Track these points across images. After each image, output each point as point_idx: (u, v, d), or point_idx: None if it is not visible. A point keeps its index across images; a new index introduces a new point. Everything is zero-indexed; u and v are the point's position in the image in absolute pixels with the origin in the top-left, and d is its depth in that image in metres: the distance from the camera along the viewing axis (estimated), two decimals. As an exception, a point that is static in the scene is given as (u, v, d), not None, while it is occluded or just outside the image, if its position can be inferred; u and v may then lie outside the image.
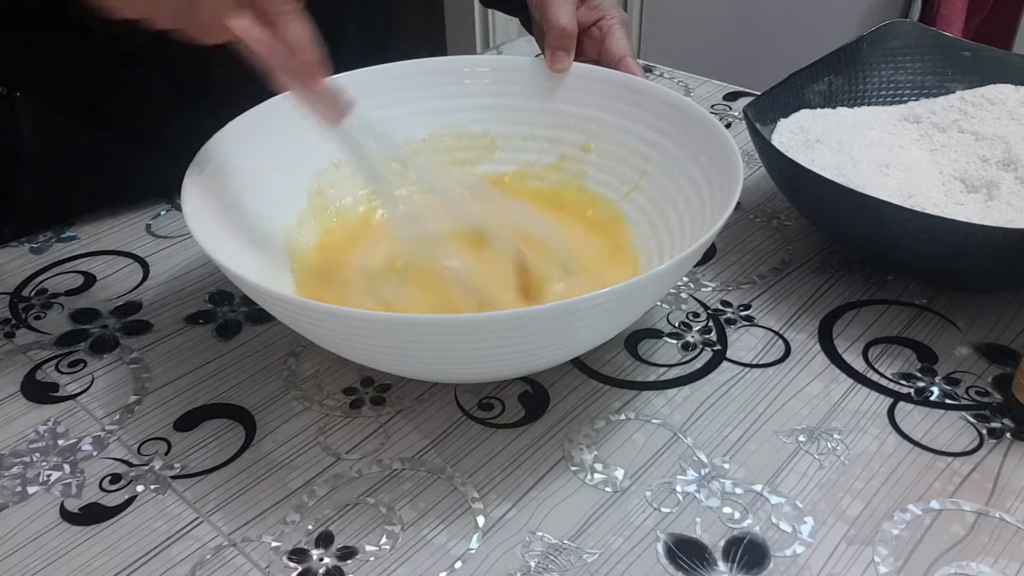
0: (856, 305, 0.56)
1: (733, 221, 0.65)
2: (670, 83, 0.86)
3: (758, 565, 0.40)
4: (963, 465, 0.45)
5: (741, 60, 1.79)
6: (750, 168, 0.71)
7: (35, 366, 0.53)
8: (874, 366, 0.52)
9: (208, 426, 0.48)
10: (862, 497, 0.43)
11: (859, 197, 0.51)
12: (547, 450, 0.46)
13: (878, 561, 0.40)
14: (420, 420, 0.48)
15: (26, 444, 0.47)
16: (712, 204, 0.50)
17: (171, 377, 0.52)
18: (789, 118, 0.64)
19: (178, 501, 0.44)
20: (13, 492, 0.45)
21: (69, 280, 0.60)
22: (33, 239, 0.65)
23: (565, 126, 0.61)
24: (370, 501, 0.44)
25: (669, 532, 0.42)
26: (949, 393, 0.50)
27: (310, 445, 0.47)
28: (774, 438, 0.47)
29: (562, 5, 0.60)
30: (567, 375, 0.51)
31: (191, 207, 0.46)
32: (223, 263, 0.42)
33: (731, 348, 0.53)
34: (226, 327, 0.55)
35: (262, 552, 0.41)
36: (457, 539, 0.42)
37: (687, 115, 0.55)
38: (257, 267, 0.49)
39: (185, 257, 0.62)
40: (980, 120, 0.62)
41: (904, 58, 0.69)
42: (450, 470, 0.45)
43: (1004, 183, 0.56)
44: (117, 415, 0.49)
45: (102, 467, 0.46)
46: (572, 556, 0.41)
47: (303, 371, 0.52)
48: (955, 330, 0.54)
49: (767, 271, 0.60)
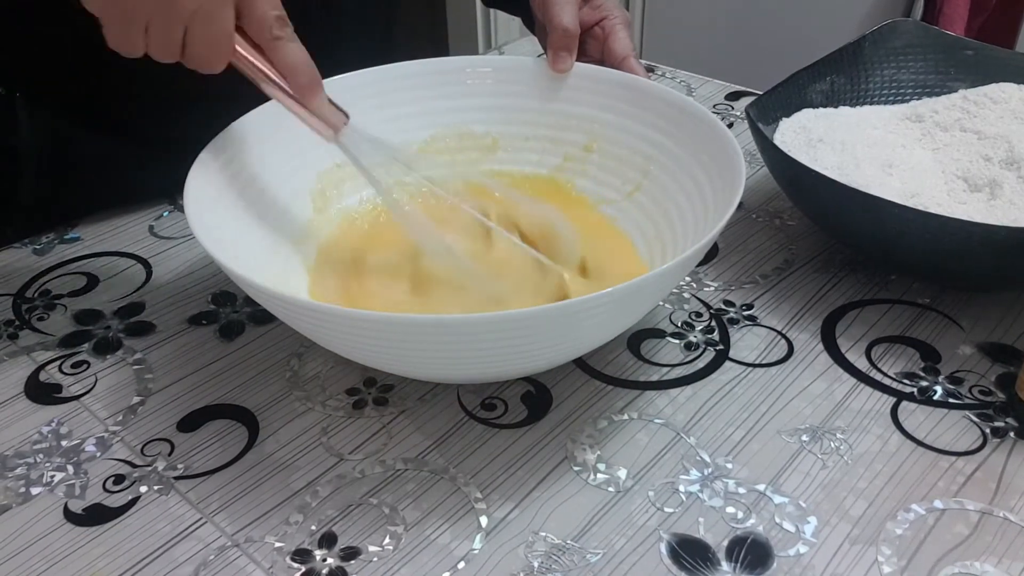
0: (859, 304, 0.56)
1: (735, 221, 0.65)
2: (672, 83, 0.86)
3: (761, 565, 0.40)
4: (967, 464, 0.45)
5: (743, 60, 1.79)
6: (752, 168, 0.71)
7: (38, 367, 0.53)
8: (877, 365, 0.51)
9: (211, 427, 0.48)
10: (865, 497, 0.43)
11: (862, 197, 0.51)
12: (550, 450, 0.46)
13: (882, 561, 0.40)
14: (423, 420, 0.48)
15: (30, 445, 0.47)
16: (714, 204, 0.50)
17: (174, 378, 0.52)
18: (791, 117, 0.64)
19: (181, 502, 0.44)
20: (17, 493, 0.45)
21: (72, 281, 0.60)
22: (36, 240, 0.65)
23: (567, 126, 0.61)
24: (373, 502, 0.44)
25: (672, 532, 0.42)
26: (952, 392, 0.50)
27: (313, 446, 0.47)
28: (777, 438, 0.47)
29: (564, 5, 0.60)
30: (570, 375, 0.51)
31: (193, 208, 0.46)
32: (225, 264, 0.42)
33: (734, 348, 0.53)
34: (229, 328, 0.56)
35: (265, 553, 0.41)
36: (460, 539, 0.42)
37: (689, 115, 0.55)
38: (260, 267, 0.49)
39: (188, 258, 0.62)
40: (983, 119, 0.62)
41: (906, 57, 0.69)
42: (453, 470, 0.45)
43: (1007, 182, 0.56)
44: (120, 416, 0.49)
45: (105, 468, 0.46)
46: (575, 556, 0.41)
47: (306, 372, 0.52)
48: (958, 329, 0.54)
49: (770, 271, 0.60)
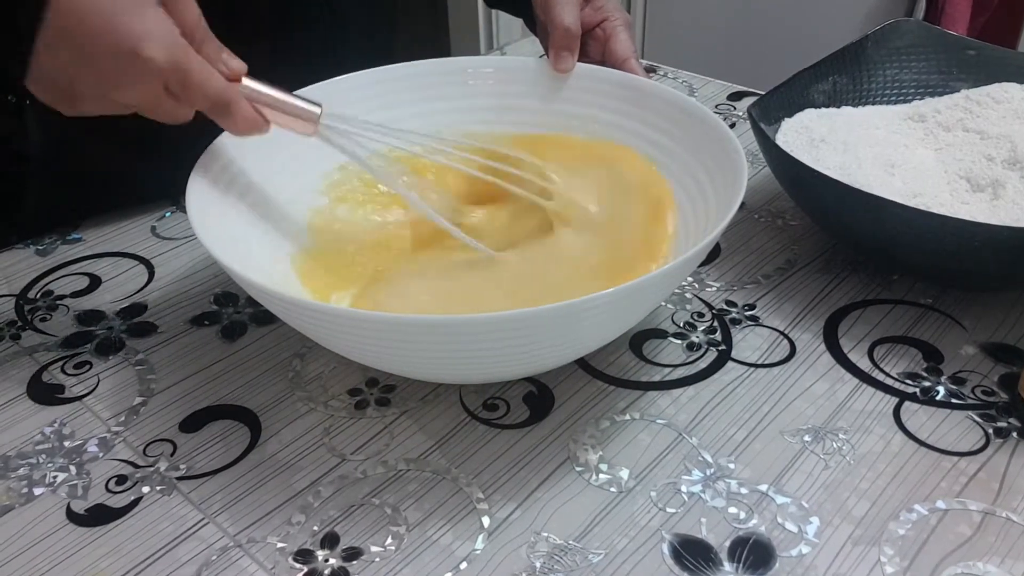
0: (861, 305, 0.56)
1: (737, 221, 0.65)
2: (674, 83, 0.86)
3: (764, 565, 0.40)
4: (969, 465, 0.45)
5: (745, 60, 1.79)
6: (754, 168, 0.71)
7: (41, 368, 0.53)
8: (879, 366, 0.51)
9: (213, 427, 0.48)
10: (868, 497, 0.43)
11: (864, 197, 0.51)
12: (552, 450, 0.46)
13: (884, 561, 0.40)
14: (425, 421, 0.48)
15: (32, 446, 0.48)
16: (716, 204, 0.50)
17: (176, 378, 0.52)
18: (793, 118, 0.64)
19: (184, 502, 0.44)
20: (20, 494, 0.45)
21: (75, 282, 0.60)
22: (39, 241, 0.65)
23: (569, 126, 0.61)
24: (375, 502, 0.44)
25: (674, 532, 0.42)
26: (955, 392, 0.49)
27: (315, 446, 0.47)
28: (779, 438, 0.47)
29: (566, 5, 0.60)
30: (572, 375, 0.51)
31: (196, 209, 0.47)
32: (228, 264, 0.42)
33: (736, 348, 0.53)
34: (231, 328, 0.56)
35: (268, 553, 0.41)
36: (462, 540, 0.42)
37: (691, 115, 0.55)
38: (262, 268, 0.49)
39: (190, 259, 0.62)
40: (985, 119, 0.62)
41: (909, 57, 0.69)
42: (455, 471, 0.45)
43: (1010, 182, 0.55)
44: (123, 416, 0.49)
45: (108, 468, 0.46)
46: (577, 556, 0.41)
47: (308, 372, 0.52)
48: (961, 329, 0.54)
49: (772, 271, 0.60)
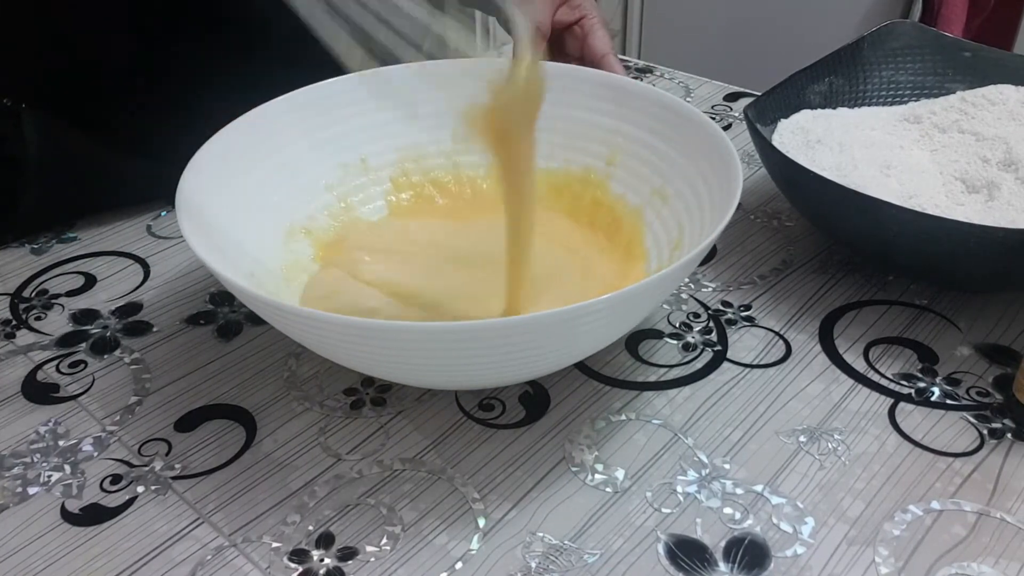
0: (857, 305, 0.56)
1: (733, 222, 0.65)
2: (670, 84, 0.86)
3: (759, 566, 0.40)
4: (964, 465, 0.45)
5: (742, 61, 1.79)
6: (750, 169, 0.71)
7: (36, 367, 0.53)
8: (875, 366, 0.52)
9: (209, 427, 0.48)
10: (863, 497, 0.43)
11: (860, 198, 0.51)
12: (548, 451, 0.46)
13: (879, 562, 0.40)
14: (420, 421, 0.48)
15: (27, 445, 0.47)
16: (712, 207, 0.50)
17: (172, 378, 0.52)
18: (789, 118, 0.64)
19: (179, 502, 0.44)
20: (14, 493, 0.45)
21: (70, 281, 0.60)
22: (34, 240, 0.65)
23: (554, 129, 0.60)
24: (370, 502, 0.44)
25: (670, 532, 0.42)
26: (950, 393, 0.50)
27: (310, 446, 0.47)
28: (775, 438, 0.47)
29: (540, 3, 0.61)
30: (568, 376, 0.51)
31: (186, 210, 0.46)
32: (215, 267, 0.42)
33: (732, 348, 0.53)
34: (227, 328, 0.55)
35: (263, 553, 0.41)
36: (458, 540, 0.42)
37: (683, 118, 0.55)
38: (253, 272, 0.49)
39: (186, 258, 0.62)
40: (981, 120, 0.62)
41: (905, 58, 0.69)
42: (451, 471, 0.45)
43: (1005, 183, 0.56)
44: (118, 416, 0.49)
45: (103, 468, 0.46)
46: (573, 557, 0.41)
47: (303, 372, 0.52)
48: (956, 330, 0.54)
49: (768, 272, 0.60)
